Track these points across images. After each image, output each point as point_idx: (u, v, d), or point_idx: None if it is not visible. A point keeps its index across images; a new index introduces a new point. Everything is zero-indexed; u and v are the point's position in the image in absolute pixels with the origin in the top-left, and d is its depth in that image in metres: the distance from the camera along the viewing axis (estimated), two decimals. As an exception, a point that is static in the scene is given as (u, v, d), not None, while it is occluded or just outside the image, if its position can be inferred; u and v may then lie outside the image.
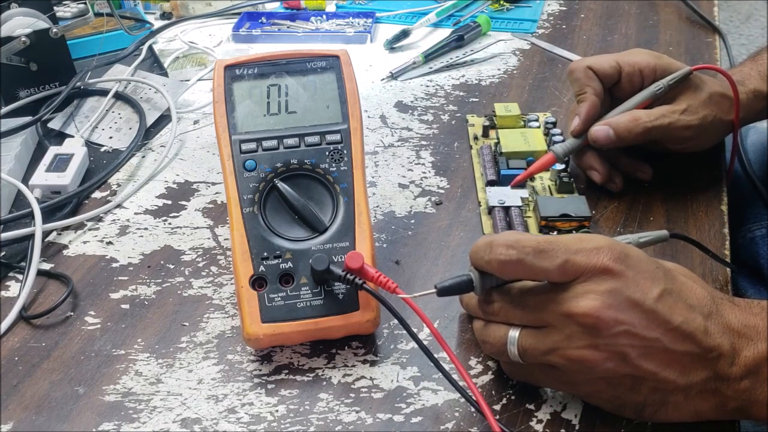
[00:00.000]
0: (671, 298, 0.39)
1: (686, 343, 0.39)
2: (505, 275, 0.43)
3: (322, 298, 0.47)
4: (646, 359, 0.39)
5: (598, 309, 0.38)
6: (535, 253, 0.40)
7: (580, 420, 0.44)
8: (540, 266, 0.40)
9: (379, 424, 0.44)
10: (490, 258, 0.42)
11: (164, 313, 0.52)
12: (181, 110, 0.76)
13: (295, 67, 0.54)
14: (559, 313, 0.40)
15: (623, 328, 0.39)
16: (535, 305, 0.41)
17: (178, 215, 0.62)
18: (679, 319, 0.39)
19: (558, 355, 0.40)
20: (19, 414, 0.45)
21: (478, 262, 0.43)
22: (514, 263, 0.41)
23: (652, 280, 0.39)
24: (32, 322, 0.52)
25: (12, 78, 0.73)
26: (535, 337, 0.41)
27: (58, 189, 0.63)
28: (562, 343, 0.40)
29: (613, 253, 0.40)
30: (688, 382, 0.39)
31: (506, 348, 0.42)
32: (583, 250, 0.40)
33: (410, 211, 0.61)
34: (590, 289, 0.39)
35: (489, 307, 0.44)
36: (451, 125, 0.72)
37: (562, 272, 0.40)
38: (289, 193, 0.49)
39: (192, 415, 0.45)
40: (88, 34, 0.86)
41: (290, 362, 0.48)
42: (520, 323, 0.42)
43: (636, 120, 0.58)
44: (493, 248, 0.41)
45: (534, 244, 0.40)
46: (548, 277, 0.41)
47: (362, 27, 0.91)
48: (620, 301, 0.39)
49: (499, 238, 0.42)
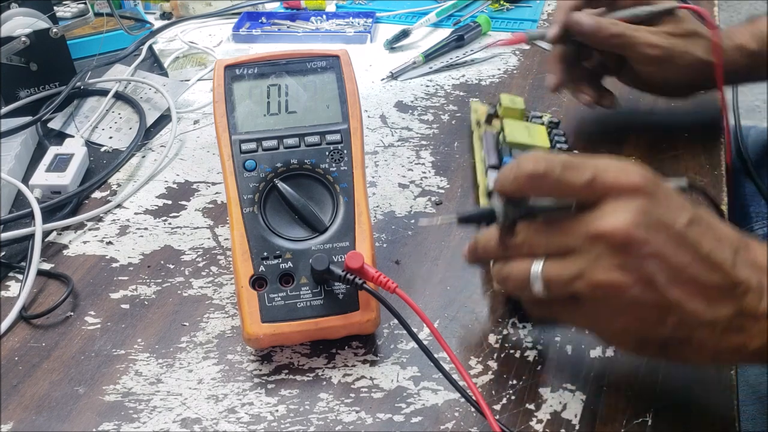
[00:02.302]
0: (700, 226, 0.38)
1: (714, 273, 0.38)
2: (531, 191, 0.41)
3: (322, 298, 0.47)
4: (673, 286, 0.37)
5: (628, 226, 0.37)
6: (563, 167, 0.39)
7: (580, 420, 0.44)
8: (568, 180, 0.39)
9: (379, 424, 0.44)
10: (516, 174, 0.40)
11: (164, 313, 0.52)
12: (181, 110, 0.76)
13: (295, 67, 0.54)
14: (587, 234, 0.38)
15: (653, 249, 0.37)
16: (561, 230, 0.40)
17: (178, 215, 0.62)
18: (708, 247, 0.38)
19: (584, 281, 0.39)
20: (19, 414, 0.45)
21: (503, 183, 0.41)
22: (542, 176, 0.39)
23: (682, 207, 0.38)
24: (32, 322, 0.52)
25: (12, 78, 0.73)
26: (560, 265, 0.40)
27: (58, 189, 0.63)
28: (589, 267, 0.38)
29: (644, 174, 0.38)
30: (714, 317, 0.38)
31: (529, 284, 0.41)
32: (613, 168, 0.38)
33: (410, 211, 0.61)
34: (620, 207, 0.38)
35: (511, 240, 0.42)
36: (451, 125, 0.72)
37: (591, 188, 0.38)
38: (289, 193, 0.49)
39: (192, 415, 0.45)
40: (88, 34, 0.86)
41: (290, 362, 0.48)
42: (544, 252, 0.41)
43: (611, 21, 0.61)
44: (521, 163, 0.40)
45: (563, 158, 0.39)
46: (576, 193, 0.39)
47: (362, 27, 0.91)
48: (651, 220, 0.37)
49: (526, 155, 0.40)
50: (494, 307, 0.51)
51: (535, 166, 0.39)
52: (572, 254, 0.39)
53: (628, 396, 0.45)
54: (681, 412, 0.44)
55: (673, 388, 0.45)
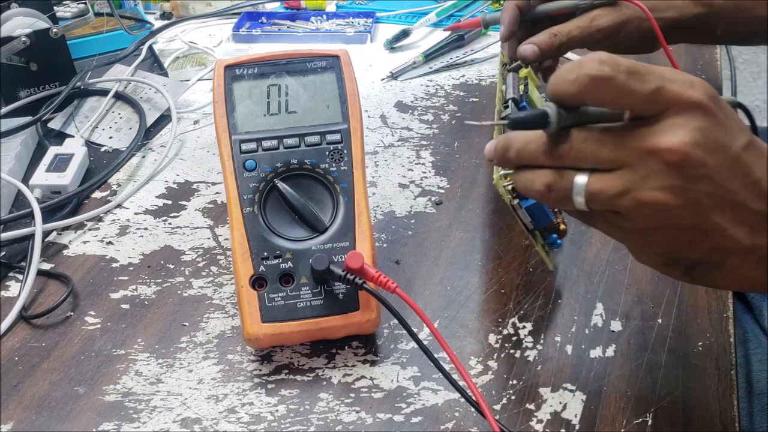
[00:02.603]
0: (755, 151, 0.37)
1: (762, 201, 0.37)
2: (590, 96, 0.38)
3: (322, 298, 0.47)
4: (719, 212, 0.37)
5: (686, 145, 0.36)
6: (628, 73, 0.36)
7: (580, 420, 0.44)
8: (632, 87, 0.36)
9: (379, 424, 0.44)
10: (578, 74, 0.37)
11: (164, 313, 0.52)
12: (181, 110, 0.76)
13: (295, 67, 0.54)
14: (642, 148, 0.37)
15: (706, 171, 0.36)
16: (614, 141, 0.38)
17: (178, 215, 0.62)
18: (759, 174, 0.37)
19: (630, 198, 0.37)
20: (19, 414, 0.45)
21: (560, 85, 0.38)
22: (605, 80, 0.36)
23: (740, 129, 0.37)
24: (32, 322, 0.52)
25: (12, 78, 0.74)
26: (607, 180, 0.38)
27: (58, 189, 0.63)
28: (637, 183, 0.37)
29: (708, 91, 0.37)
30: (752, 245, 0.37)
31: (570, 196, 0.39)
32: (678, 81, 0.37)
33: (410, 211, 0.61)
34: (680, 124, 0.36)
35: (558, 148, 0.39)
36: (451, 125, 0.72)
37: (653, 99, 0.36)
38: (289, 193, 0.49)
39: (192, 415, 0.45)
40: (88, 34, 0.86)
41: (290, 362, 0.48)
42: (592, 163, 0.39)
43: (554, 35, 0.63)
44: (583, 64, 0.37)
45: (629, 63, 0.37)
46: (637, 102, 0.37)
47: (362, 27, 0.91)
48: (709, 140, 0.36)
49: (590, 55, 0.37)
50: (494, 307, 0.51)
51: (599, 68, 0.36)
52: (622, 168, 0.38)
53: (628, 396, 0.45)
54: (681, 411, 0.44)
55: (673, 388, 0.45)
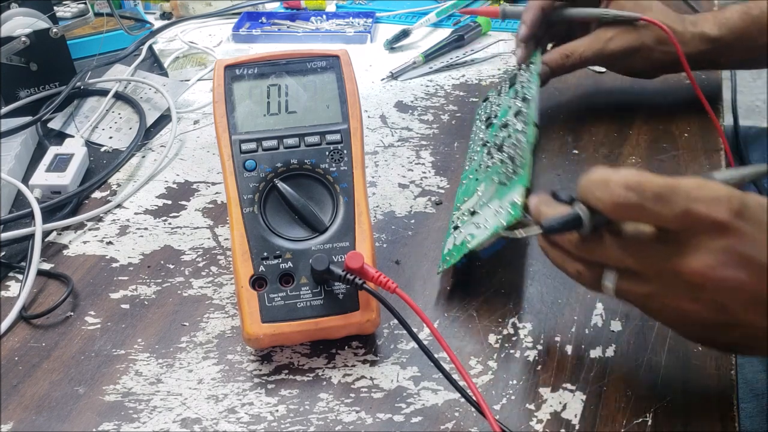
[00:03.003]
0: None
1: None
2: (616, 217, 0.40)
3: (322, 298, 0.47)
4: (747, 311, 0.38)
5: (708, 268, 0.37)
6: (655, 199, 0.37)
7: (580, 420, 0.44)
8: (659, 213, 0.38)
9: (379, 424, 0.44)
10: (604, 197, 0.39)
11: (164, 313, 0.52)
12: (181, 110, 0.76)
13: (295, 67, 0.54)
14: (666, 267, 0.39)
15: (731, 284, 0.37)
16: (640, 254, 0.40)
17: (178, 215, 0.62)
18: None
19: (656, 300, 0.40)
20: (19, 414, 0.45)
21: (587, 197, 0.40)
22: (632, 207, 0.38)
23: None
24: (32, 322, 0.52)
25: (12, 78, 0.73)
26: (635, 282, 0.40)
27: (58, 189, 0.63)
28: (662, 291, 0.39)
29: (732, 206, 0.37)
30: None
31: (600, 287, 0.42)
32: (704, 200, 0.37)
33: (410, 211, 0.61)
34: (703, 245, 0.37)
35: (588, 246, 0.41)
36: (451, 125, 0.72)
37: (680, 222, 0.38)
38: (289, 193, 0.49)
39: (192, 415, 0.45)
40: (88, 34, 0.86)
41: (290, 362, 0.48)
42: (619, 266, 0.41)
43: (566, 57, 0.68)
44: (611, 187, 0.38)
45: (656, 188, 0.38)
46: (664, 224, 0.38)
47: (362, 27, 0.91)
48: (733, 259, 0.37)
49: (617, 176, 0.39)
50: (494, 307, 0.51)
51: (626, 195, 0.38)
52: (648, 277, 0.40)
53: (628, 396, 0.45)
54: (681, 411, 0.44)
55: (673, 388, 0.45)
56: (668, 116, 0.70)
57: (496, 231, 0.48)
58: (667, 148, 0.67)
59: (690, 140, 0.68)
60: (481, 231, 0.49)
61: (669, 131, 0.69)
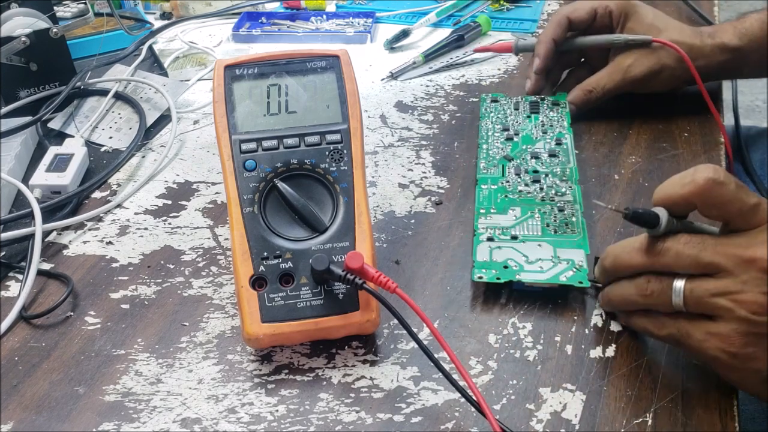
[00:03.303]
0: None
1: None
2: (704, 197, 0.42)
3: (322, 298, 0.47)
4: None
5: None
6: (737, 185, 0.41)
7: (580, 420, 0.44)
8: (740, 197, 0.41)
9: (379, 424, 0.44)
10: (694, 177, 0.42)
11: (164, 313, 0.52)
12: (181, 110, 0.76)
13: (295, 67, 0.54)
14: (741, 256, 0.40)
15: None
16: (714, 248, 0.41)
17: (178, 215, 0.62)
18: None
19: (729, 298, 0.40)
20: (19, 414, 0.45)
21: (672, 188, 0.43)
22: (721, 183, 0.41)
23: None
24: (32, 322, 0.52)
25: (12, 78, 0.73)
26: (705, 280, 0.42)
27: (58, 189, 0.63)
28: (737, 287, 0.40)
29: None
30: None
31: (669, 295, 0.42)
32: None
33: (410, 211, 0.61)
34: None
35: (658, 247, 0.43)
36: (451, 125, 0.72)
37: (755, 211, 0.41)
38: (289, 193, 0.49)
39: (192, 415, 0.45)
40: (88, 34, 0.86)
41: (290, 362, 0.48)
42: (690, 265, 0.42)
43: (589, 92, 0.69)
44: (699, 169, 0.42)
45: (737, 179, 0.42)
46: (740, 210, 0.41)
47: (362, 27, 0.91)
48: None
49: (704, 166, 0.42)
50: (494, 307, 0.51)
51: (715, 172, 0.41)
52: (720, 273, 0.41)
53: (628, 396, 0.45)
54: (681, 411, 0.44)
55: (673, 388, 0.45)
56: (668, 116, 0.70)
57: (555, 282, 0.50)
58: (667, 148, 0.67)
59: (690, 140, 0.68)
60: (538, 275, 0.51)
61: (669, 131, 0.69)
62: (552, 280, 0.50)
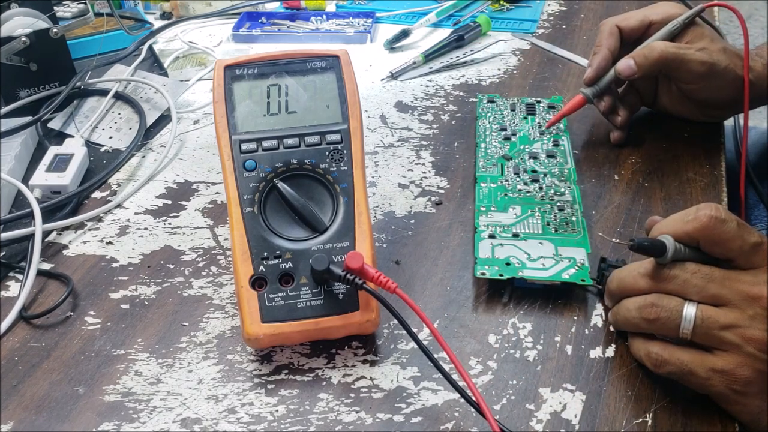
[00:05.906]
0: None
1: None
2: (706, 234, 0.43)
3: (322, 298, 0.47)
4: None
5: None
6: (739, 223, 0.42)
7: (580, 420, 0.44)
8: (741, 235, 0.42)
9: (379, 424, 0.44)
10: (697, 215, 0.43)
11: (164, 313, 0.52)
12: (181, 110, 0.76)
13: (295, 67, 0.54)
14: (746, 293, 0.41)
15: None
16: (721, 282, 0.42)
17: (178, 215, 0.62)
18: None
19: (736, 333, 0.41)
20: (19, 414, 0.45)
21: (675, 224, 0.44)
22: (722, 221, 0.42)
23: None
24: (32, 322, 0.52)
25: (12, 78, 0.73)
26: (716, 311, 0.42)
27: (58, 189, 0.63)
28: (744, 322, 0.41)
29: None
30: None
31: (678, 322, 0.43)
32: None
33: (410, 211, 0.61)
34: None
35: (665, 273, 0.44)
36: (451, 125, 0.72)
37: (756, 251, 0.42)
38: (289, 193, 0.49)
39: (192, 415, 0.45)
40: (88, 34, 0.86)
41: (290, 362, 0.48)
42: (697, 295, 0.43)
43: (652, 48, 0.63)
44: (701, 207, 0.43)
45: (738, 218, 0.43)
46: (741, 249, 0.42)
47: (362, 27, 0.91)
48: None
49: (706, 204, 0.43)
50: (494, 307, 0.51)
51: (716, 211, 0.42)
52: (727, 306, 0.42)
53: (628, 396, 0.45)
54: (681, 411, 0.44)
55: (673, 388, 0.45)
56: (668, 116, 0.70)
57: (557, 279, 0.51)
58: (667, 148, 0.67)
59: (690, 140, 0.68)
60: (540, 272, 0.51)
61: (669, 131, 0.69)
62: (554, 277, 0.51)
